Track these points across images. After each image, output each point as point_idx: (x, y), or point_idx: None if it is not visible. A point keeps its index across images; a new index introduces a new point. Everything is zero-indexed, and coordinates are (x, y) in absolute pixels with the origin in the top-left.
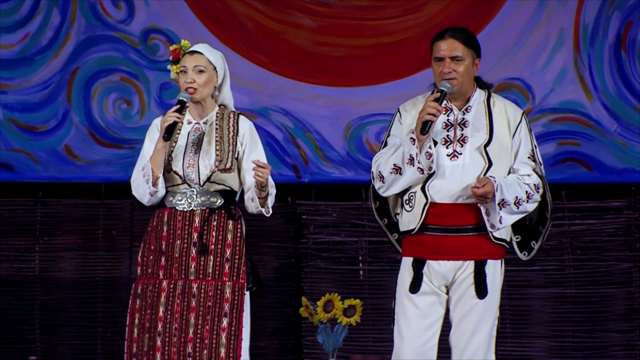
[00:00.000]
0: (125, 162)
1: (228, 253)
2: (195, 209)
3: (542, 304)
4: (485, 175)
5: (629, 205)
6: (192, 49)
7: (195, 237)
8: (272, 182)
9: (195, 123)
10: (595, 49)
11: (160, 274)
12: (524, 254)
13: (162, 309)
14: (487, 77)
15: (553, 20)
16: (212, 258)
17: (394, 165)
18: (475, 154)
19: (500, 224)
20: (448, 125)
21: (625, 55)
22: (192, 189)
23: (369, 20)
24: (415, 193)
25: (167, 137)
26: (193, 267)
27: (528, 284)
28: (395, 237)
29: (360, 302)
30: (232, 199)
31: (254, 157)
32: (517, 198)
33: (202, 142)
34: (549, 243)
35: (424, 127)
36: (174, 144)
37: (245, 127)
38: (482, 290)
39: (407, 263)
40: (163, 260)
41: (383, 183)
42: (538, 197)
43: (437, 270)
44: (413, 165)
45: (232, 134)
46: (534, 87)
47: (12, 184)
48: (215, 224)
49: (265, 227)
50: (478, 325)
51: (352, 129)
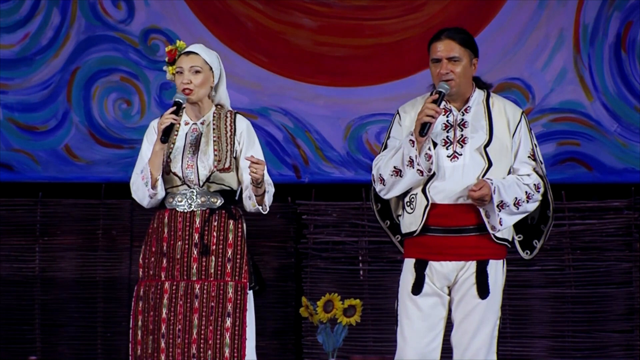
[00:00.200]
0: (125, 162)
1: (230, 253)
2: (196, 210)
3: (542, 304)
4: (484, 177)
5: (629, 205)
6: (187, 50)
7: (197, 237)
8: (269, 180)
9: (193, 124)
10: (595, 49)
11: (162, 276)
12: (527, 253)
13: (165, 311)
14: (487, 77)
15: (553, 20)
16: (213, 258)
17: (394, 168)
18: (476, 155)
19: (501, 226)
20: (447, 126)
21: (625, 55)
22: (191, 190)
23: (369, 20)
24: (416, 195)
25: (164, 139)
26: (195, 268)
27: (528, 284)
28: (398, 238)
29: (360, 302)
30: (232, 199)
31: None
32: (516, 199)
33: (200, 142)
34: (549, 243)
35: (423, 129)
36: (172, 146)
37: (243, 126)
38: (484, 291)
39: (409, 264)
40: (164, 262)
41: (384, 186)
42: (539, 196)
43: (439, 271)
44: (413, 167)
45: (229, 134)
46: (534, 87)
47: (12, 184)
48: (216, 224)
49: (265, 227)
50: (480, 325)
51: (352, 129)
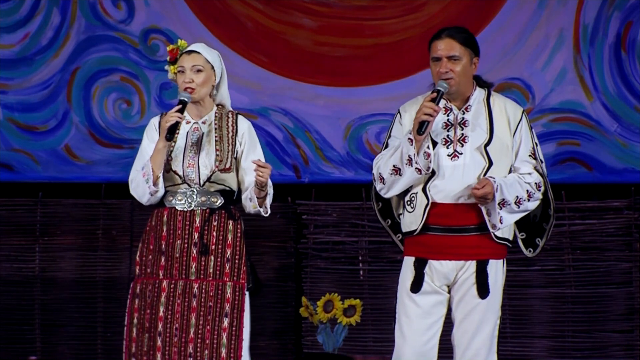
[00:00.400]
0: (125, 162)
1: (228, 253)
2: (196, 209)
3: (542, 304)
4: (485, 176)
5: (629, 205)
6: (189, 49)
7: (196, 237)
8: (270, 182)
9: (194, 123)
10: (595, 49)
11: (160, 274)
12: (530, 251)
13: (162, 309)
14: (487, 77)
15: (553, 20)
16: (212, 258)
17: (394, 167)
18: (476, 154)
19: (501, 224)
20: (448, 125)
21: (625, 55)
22: (192, 189)
23: (369, 20)
24: (417, 194)
25: (169, 137)
26: (194, 267)
27: (528, 284)
28: (399, 237)
29: (360, 302)
30: (231, 199)
31: (253, 157)
32: (517, 197)
33: (201, 142)
34: (549, 243)
35: (421, 127)
36: (173, 144)
37: (244, 127)
38: (484, 290)
39: (408, 262)
40: (163, 260)
41: (384, 184)
42: (539, 195)
43: (438, 270)
44: (411, 166)
45: (231, 134)
46: (534, 87)
47: (12, 184)
48: (216, 224)
49: (265, 227)
50: (480, 325)
51: (352, 129)
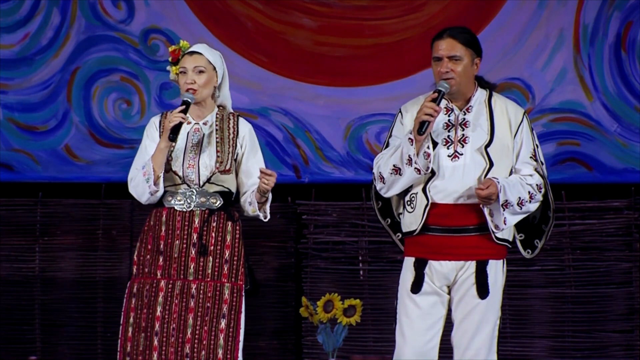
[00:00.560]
0: (125, 162)
1: (227, 254)
2: (195, 210)
3: (542, 304)
4: (488, 176)
5: (629, 205)
6: (191, 50)
7: (195, 237)
8: None
9: (195, 124)
10: (595, 49)
11: (158, 274)
12: (528, 252)
13: (159, 309)
14: (487, 77)
15: (553, 20)
16: (211, 259)
17: (394, 166)
18: (476, 155)
19: (505, 225)
20: (449, 126)
21: (625, 55)
22: (191, 190)
23: (369, 20)
24: (417, 194)
25: (172, 137)
26: (192, 267)
27: (528, 284)
28: (399, 236)
29: (360, 302)
30: (230, 200)
31: (254, 161)
32: (519, 198)
33: (202, 143)
34: (549, 243)
35: (421, 127)
36: (173, 144)
37: (245, 129)
38: (483, 291)
39: (408, 263)
40: (161, 260)
41: (384, 184)
42: (540, 196)
43: (438, 271)
44: (411, 166)
45: (232, 136)
46: (534, 87)
47: (12, 184)
48: (215, 225)
49: (265, 227)
50: (480, 325)
51: (352, 129)
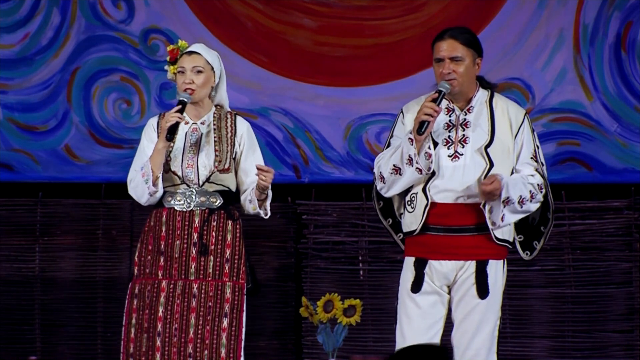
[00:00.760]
0: (125, 162)
1: (228, 253)
2: (195, 209)
3: (542, 304)
4: (491, 173)
5: (629, 205)
6: (189, 49)
7: (195, 237)
8: None
9: (193, 124)
10: (595, 49)
11: (159, 274)
12: (527, 254)
13: (161, 309)
14: (487, 77)
15: (553, 20)
16: (212, 258)
17: (394, 166)
18: (476, 155)
19: (502, 222)
20: (449, 126)
21: (625, 55)
22: (191, 190)
23: (369, 20)
24: (417, 194)
25: (169, 137)
26: (193, 267)
27: (528, 284)
28: (400, 236)
29: (360, 302)
30: (230, 199)
31: (252, 159)
32: (521, 197)
33: (200, 142)
34: (549, 243)
35: (421, 127)
36: (172, 145)
37: (243, 128)
38: (483, 291)
39: (409, 263)
40: (162, 261)
41: (384, 184)
42: (541, 197)
43: (438, 270)
44: (412, 166)
45: (230, 134)
46: (534, 87)
47: (12, 184)
48: (215, 224)
49: (265, 227)
50: (480, 325)
51: (352, 129)
